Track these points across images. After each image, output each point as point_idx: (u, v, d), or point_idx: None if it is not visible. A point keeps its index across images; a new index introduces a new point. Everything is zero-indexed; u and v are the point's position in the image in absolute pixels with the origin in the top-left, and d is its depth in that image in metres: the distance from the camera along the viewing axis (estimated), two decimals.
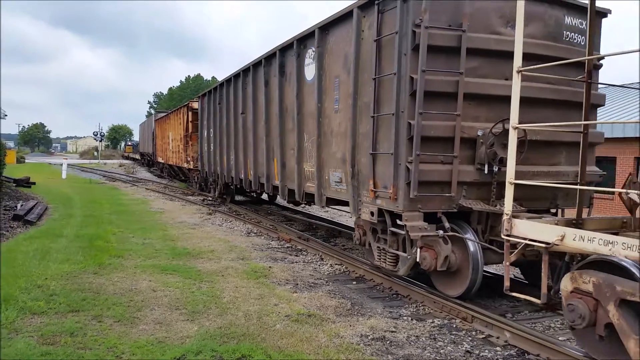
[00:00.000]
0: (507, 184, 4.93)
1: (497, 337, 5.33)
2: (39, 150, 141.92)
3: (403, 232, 6.54)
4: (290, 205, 16.60)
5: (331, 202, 8.83)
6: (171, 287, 6.75)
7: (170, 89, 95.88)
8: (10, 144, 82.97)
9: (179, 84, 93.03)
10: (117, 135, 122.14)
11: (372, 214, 7.04)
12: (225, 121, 14.79)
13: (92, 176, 31.51)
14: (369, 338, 5.24)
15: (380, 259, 7.33)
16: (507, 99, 5.28)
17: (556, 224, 4.84)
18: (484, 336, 5.42)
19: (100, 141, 61.23)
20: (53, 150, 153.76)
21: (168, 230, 11.54)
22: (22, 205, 13.96)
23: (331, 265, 8.60)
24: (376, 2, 6.74)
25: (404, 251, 6.77)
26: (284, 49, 10.07)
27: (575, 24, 6.81)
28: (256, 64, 11.69)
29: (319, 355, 4.72)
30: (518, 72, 4.90)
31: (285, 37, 9.42)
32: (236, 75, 13.44)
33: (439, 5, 6.13)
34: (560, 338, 5.24)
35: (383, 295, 7.01)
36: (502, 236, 5.08)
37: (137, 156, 53.59)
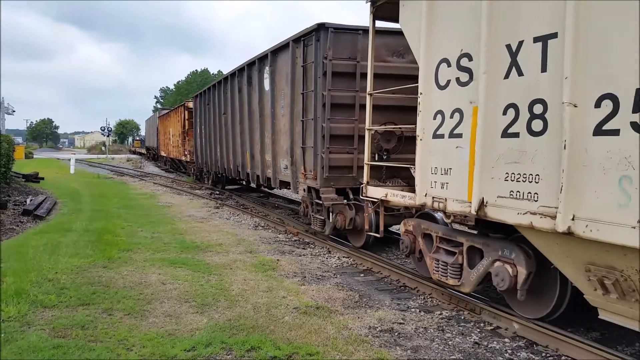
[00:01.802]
0: (364, 165, 7.35)
1: (506, 329, 5.33)
2: (47, 146, 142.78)
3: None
4: (297, 198, 16.65)
5: (282, 184, 11.29)
6: (180, 280, 6.79)
7: (176, 83, 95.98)
8: (19, 139, 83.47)
9: (186, 77, 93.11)
10: (124, 130, 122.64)
11: (304, 190, 9.74)
12: (212, 120, 17.46)
13: (100, 171, 31.70)
14: (377, 330, 5.26)
15: (314, 224, 9.87)
16: (390, 108, 8.23)
17: (401, 190, 6.68)
18: (492, 328, 5.43)
19: (108, 136, 61.50)
20: (61, 146, 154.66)
21: (176, 224, 11.60)
22: (31, 200, 14.07)
23: (339, 258, 8.61)
24: (302, 39, 9.27)
25: (327, 217, 9.23)
26: (250, 64, 12.59)
27: None
28: (233, 74, 14.26)
29: (328, 347, 4.75)
30: (369, 94, 7.11)
31: (290, 31, 10.52)
32: (219, 82, 16.25)
33: (340, 45, 8.61)
34: (568, 329, 5.23)
35: (391, 287, 7.03)
36: (361, 196, 7.54)
37: (143, 150, 54.50)
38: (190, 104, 23.14)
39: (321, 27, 8.56)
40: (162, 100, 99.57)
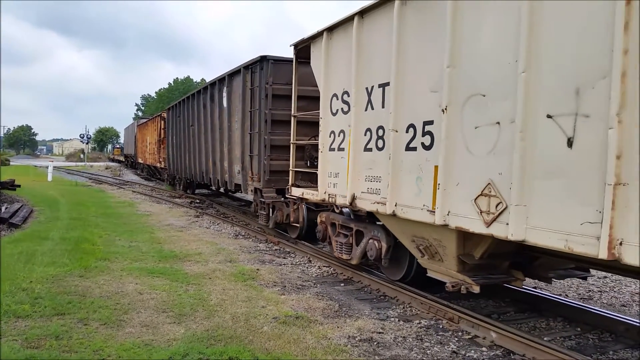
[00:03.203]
0: (290, 170, 9.24)
1: (484, 338, 5.37)
2: (25, 153, 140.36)
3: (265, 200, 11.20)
4: None
5: (236, 186, 13.11)
6: (158, 289, 6.71)
7: (158, 91, 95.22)
8: None
9: (168, 85, 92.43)
10: (103, 138, 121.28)
11: (252, 191, 11.81)
12: (182, 131, 19.24)
13: (78, 179, 31.27)
14: (357, 339, 5.25)
15: (260, 219, 11.70)
16: (317, 124, 8.38)
17: (312, 190, 8.34)
18: (470, 337, 5.46)
19: (87, 144, 60.77)
20: (39, 153, 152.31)
21: (155, 232, 11.48)
22: (6, 208, 13.79)
23: (319, 267, 8.60)
24: (250, 66, 11.42)
25: (271, 213, 11.20)
26: (212, 84, 14.66)
27: None
28: (199, 91, 16.48)
29: (307, 357, 4.73)
30: (293, 116, 9.09)
31: (274, 39, 11.69)
32: (188, 97, 18.27)
33: (279, 72, 10.64)
34: (545, 338, 5.30)
35: (371, 296, 7.04)
36: (287, 195, 9.54)
37: (122, 158, 54.50)
38: (166, 115, 24.46)
39: (264, 59, 10.77)
40: (143, 108, 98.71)
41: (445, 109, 5.12)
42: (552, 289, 7.59)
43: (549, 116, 4.12)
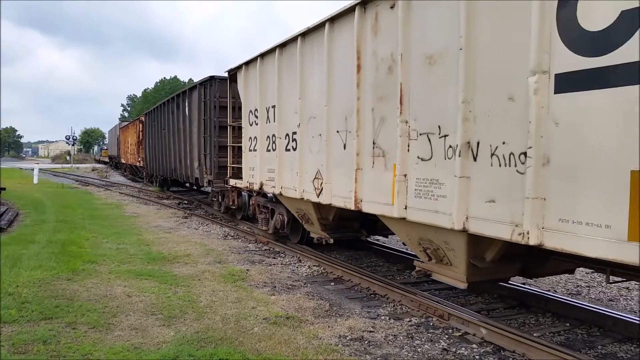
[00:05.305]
0: (228, 166, 12.03)
1: (474, 335, 5.39)
2: (10, 155, 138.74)
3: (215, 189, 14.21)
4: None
5: (196, 180, 15.71)
6: (146, 292, 6.66)
7: (144, 91, 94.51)
8: None
9: (154, 85, 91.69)
10: (89, 139, 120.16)
11: (206, 182, 14.50)
12: (157, 134, 21.97)
13: (65, 181, 30.93)
14: (348, 339, 5.25)
15: (216, 206, 14.81)
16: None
17: (240, 180, 11.19)
18: (460, 334, 5.48)
19: (73, 145, 60.12)
20: (24, 155, 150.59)
21: (143, 234, 11.39)
22: None
23: (309, 267, 8.59)
24: (203, 83, 14.33)
25: (222, 200, 14.05)
26: (178, 95, 17.73)
27: None
28: (168, 100, 19.37)
29: (298, 357, 4.71)
30: (230, 125, 11.98)
31: (263, 35, 13.53)
32: (160, 105, 21.17)
33: (225, 89, 12.60)
34: (535, 334, 5.33)
35: (361, 295, 7.04)
36: (226, 185, 12.56)
37: (107, 159, 54.90)
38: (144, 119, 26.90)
39: (212, 78, 13.95)
40: (129, 109, 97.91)
41: (299, 125, 8.08)
42: (541, 285, 7.65)
43: (337, 131, 7.01)
